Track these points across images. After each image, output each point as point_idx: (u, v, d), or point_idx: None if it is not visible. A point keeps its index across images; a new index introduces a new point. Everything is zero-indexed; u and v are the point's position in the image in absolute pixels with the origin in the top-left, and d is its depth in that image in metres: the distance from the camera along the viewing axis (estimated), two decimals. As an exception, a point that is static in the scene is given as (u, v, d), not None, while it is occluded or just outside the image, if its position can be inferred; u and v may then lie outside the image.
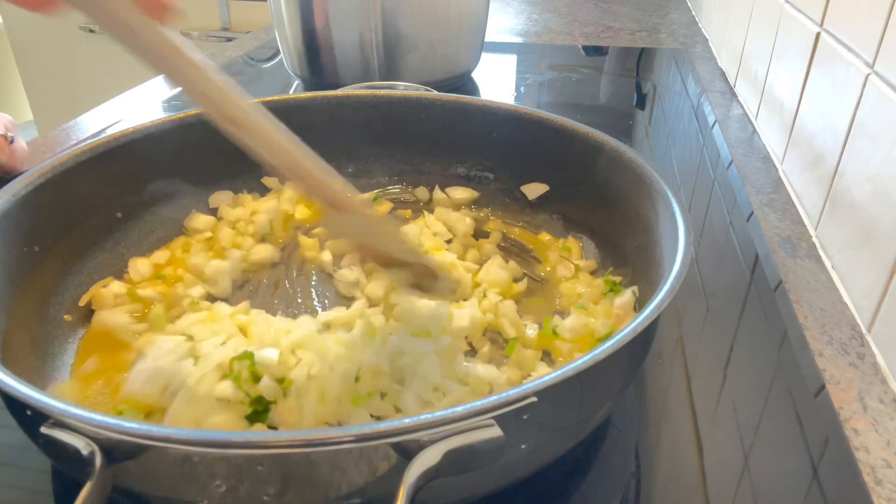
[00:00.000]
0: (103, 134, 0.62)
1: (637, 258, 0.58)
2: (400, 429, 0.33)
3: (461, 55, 1.14)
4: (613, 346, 0.37)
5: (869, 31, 0.62)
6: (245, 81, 1.23)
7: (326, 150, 0.76)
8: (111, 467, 0.33)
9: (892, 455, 0.48)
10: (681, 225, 0.48)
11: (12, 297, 0.51)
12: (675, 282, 0.42)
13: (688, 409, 0.51)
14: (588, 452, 0.48)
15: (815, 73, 0.77)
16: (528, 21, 1.63)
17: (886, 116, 0.58)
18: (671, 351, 0.58)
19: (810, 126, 0.77)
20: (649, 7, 1.75)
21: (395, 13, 1.02)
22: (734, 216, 0.78)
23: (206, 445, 0.32)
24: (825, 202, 0.70)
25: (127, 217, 0.66)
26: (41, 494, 0.45)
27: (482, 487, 0.40)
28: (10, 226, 0.52)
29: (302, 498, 0.35)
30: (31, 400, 0.35)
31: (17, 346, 0.50)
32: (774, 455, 0.47)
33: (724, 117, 1.04)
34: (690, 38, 1.47)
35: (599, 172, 0.64)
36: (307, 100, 0.75)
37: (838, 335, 0.59)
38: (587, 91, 1.20)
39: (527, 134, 0.70)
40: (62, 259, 0.59)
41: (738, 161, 0.89)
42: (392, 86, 0.80)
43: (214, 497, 0.35)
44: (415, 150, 0.78)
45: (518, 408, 0.34)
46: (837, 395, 0.53)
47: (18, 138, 0.80)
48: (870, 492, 0.45)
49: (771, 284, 0.65)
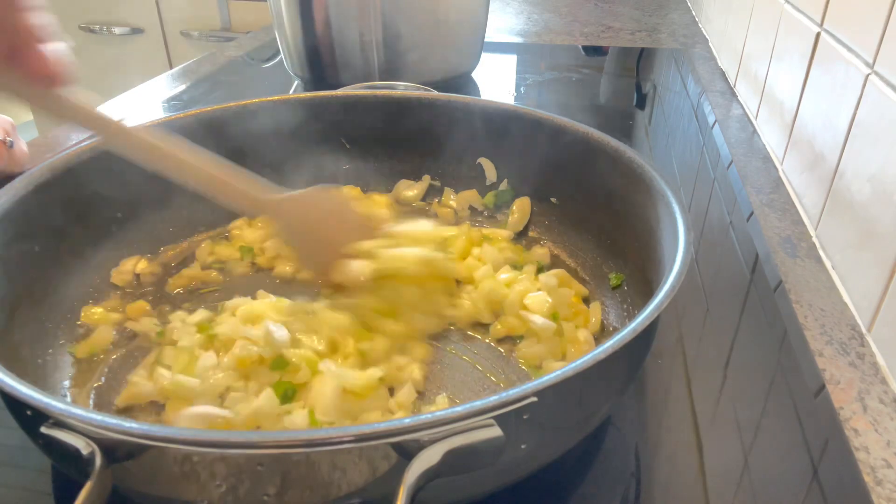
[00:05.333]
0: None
1: (637, 258, 0.58)
2: (400, 429, 0.33)
3: (461, 55, 1.14)
4: (613, 346, 0.37)
5: (869, 31, 0.62)
6: (245, 81, 1.23)
7: (326, 150, 0.78)
8: (111, 467, 0.33)
9: (892, 455, 0.48)
10: (681, 225, 0.48)
11: (12, 297, 0.51)
12: (675, 282, 0.42)
13: (688, 409, 0.51)
14: (588, 452, 0.48)
15: (815, 73, 0.77)
16: (528, 21, 1.63)
17: (886, 116, 0.58)
18: (671, 351, 0.58)
19: (810, 126, 0.77)
20: (649, 7, 1.75)
21: (395, 13, 1.02)
22: (734, 216, 0.78)
23: (206, 445, 0.32)
24: (825, 202, 0.70)
25: (127, 217, 0.66)
26: (41, 494, 0.45)
27: (482, 487, 0.40)
28: (10, 226, 0.52)
29: (302, 498, 0.35)
30: (31, 400, 0.35)
31: (17, 346, 0.50)
32: (774, 455, 0.47)
33: (724, 117, 1.04)
34: (690, 38, 1.47)
35: (599, 172, 0.64)
36: (307, 100, 0.75)
37: (838, 335, 0.59)
38: (587, 91, 1.20)
39: (527, 134, 0.70)
40: (62, 259, 0.59)
41: (738, 161, 0.89)
42: (392, 86, 0.81)
43: (214, 497, 0.35)
44: (415, 150, 0.78)
45: (518, 408, 0.34)
46: (837, 395, 0.53)
47: (19, 140, 0.80)
48: (870, 492, 0.45)
49: (771, 284, 0.65)
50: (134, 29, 2.12)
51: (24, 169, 0.80)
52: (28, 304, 0.53)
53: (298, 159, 0.75)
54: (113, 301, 0.61)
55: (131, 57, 2.14)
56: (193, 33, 2.07)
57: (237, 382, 0.51)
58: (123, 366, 0.55)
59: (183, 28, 2.08)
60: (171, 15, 2.10)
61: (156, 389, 0.50)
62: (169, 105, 1.09)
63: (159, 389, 0.50)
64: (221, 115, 0.70)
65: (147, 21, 2.11)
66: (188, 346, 0.53)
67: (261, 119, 0.72)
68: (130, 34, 2.12)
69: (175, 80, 1.20)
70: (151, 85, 1.18)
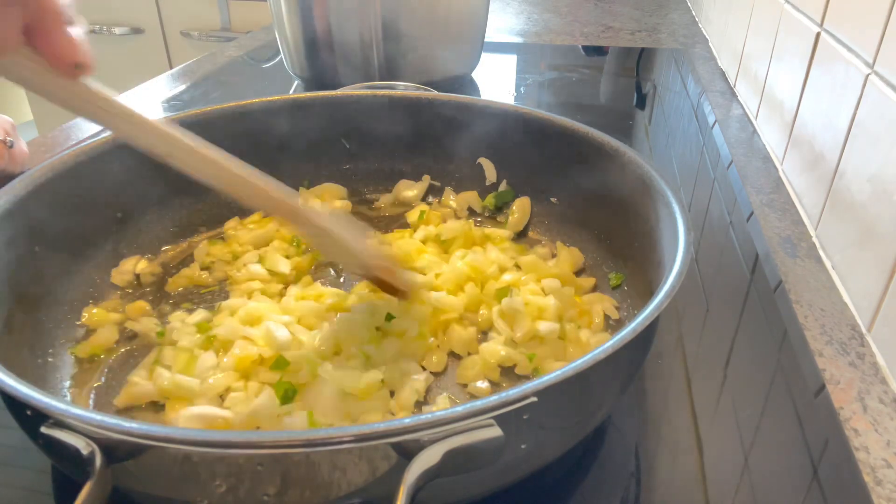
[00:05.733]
0: (103, 134, 0.62)
1: (637, 258, 0.58)
2: (400, 429, 0.33)
3: (461, 55, 1.14)
4: (613, 345, 0.37)
5: (869, 31, 0.62)
6: (245, 81, 1.23)
7: (326, 150, 0.78)
8: (111, 467, 0.33)
9: (892, 455, 0.48)
10: (681, 225, 0.48)
11: (12, 297, 0.51)
12: (675, 282, 0.42)
13: (688, 409, 0.51)
14: (588, 452, 0.48)
15: (815, 73, 0.77)
16: (528, 21, 1.63)
17: (886, 116, 0.58)
18: (671, 351, 0.58)
19: (810, 126, 0.77)
20: (649, 7, 1.75)
21: (395, 13, 1.01)
22: (734, 216, 0.78)
23: (207, 445, 0.32)
24: (825, 202, 0.70)
25: (127, 217, 0.66)
26: (41, 494, 0.45)
27: (482, 487, 0.40)
28: (10, 226, 0.52)
29: (302, 498, 0.35)
30: (32, 400, 0.35)
31: (17, 346, 0.50)
32: (774, 455, 0.47)
33: (724, 117, 1.04)
34: (690, 38, 1.47)
35: (599, 172, 0.64)
36: (307, 100, 0.75)
37: (838, 335, 0.59)
38: (587, 91, 1.20)
39: (527, 134, 0.70)
40: (62, 259, 0.59)
41: (738, 161, 0.89)
42: (392, 86, 0.80)
43: (214, 497, 0.34)
44: (415, 149, 0.78)
45: (518, 408, 0.34)
46: (837, 395, 0.53)
47: (19, 141, 0.80)
48: (870, 492, 0.45)
49: (771, 284, 0.65)
50: (134, 29, 2.12)
51: (24, 169, 0.80)
52: (28, 304, 0.53)
53: (298, 159, 0.75)
54: (113, 301, 0.61)
55: (131, 57, 2.14)
56: (193, 33, 2.07)
57: (237, 382, 0.51)
58: (123, 366, 0.55)
59: (183, 28, 2.08)
60: (171, 15, 2.10)
61: (155, 390, 0.50)
62: (169, 105, 1.09)
63: (159, 390, 0.50)
64: (221, 115, 0.70)
65: (147, 21, 2.11)
66: (188, 347, 0.53)
67: (260, 119, 0.72)
68: (130, 34, 2.12)
69: (175, 81, 1.20)
70: (151, 85, 1.18)
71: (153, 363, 0.53)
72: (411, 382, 0.51)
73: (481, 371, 0.54)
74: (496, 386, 0.53)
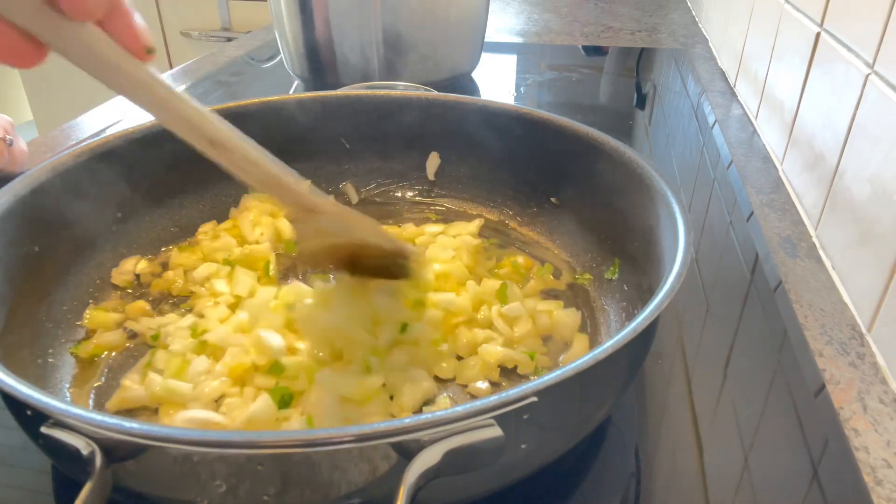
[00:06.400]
0: (103, 134, 0.62)
1: (637, 258, 0.58)
2: (400, 429, 0.33)
3: (461, 55, 1.14)
4: (613, 345, 0.37)
5: (869, 31, 0.62)
6: (245, 81, 1.23)
7: (326, 150, 0.78)
8: (111, 467, 0.33)
9: (892, 455, 0.48)
10: (681, 225, 0.48)
11: (12, 297, 0.51)
12: (675, 282, 0.42)
13: (688, 409, 0.51)
14: (588, 452, 0.48)
15: (815, 73, 0.77)
16: (528, 21, 1.63)
17: (886, 116, 0.58)
18: (671, 351, 0.58)
19: (810, 126, 0.77)
20: (649, 7, 1.75)
21: (395, 13, 1.02)
22: (734, 216, 0.78)
23: (206, 445, 0.32)
24: (825, 202, 0.70)
25: (127, 217, 0.66)
26: (41, 494, 0.45)
27: (482, 487, 0.40)
28: (10, 226, 0.52)
29: (302, 498, 0.35)
30: (32, 400, 0.35)
31: (17, 346, 0.50)
32: (774, 455, 0.47)
33: (724, 117, 1.04)
34: (690, 38, 1.47)
35: (599, 172, 0.64)
36: (307, 100, 0.75)
37: (838, 335, 0.59)
38: (587, 91, 1.20)
39: (527, 134, 0.70)
40: (62, 259, 0.59)
41: (738, 161, 0.89)
42: (392, 86, 0.80)
43: (214, 497, 0.35)
44: (415, 150, 0.78)
45: (518, 408, 0.34)
46: (837, 395, 0.53)
47: (18, 140, 0.80)
48: (870, 492, 0.45)
49: (771, 284, 0.65)
50: (134, 29, 2.11)
51: (23, 168, 0.80)
52: (28, 304, 0.53)
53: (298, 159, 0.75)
54: (113, 301, 0.61)
55: (131, 57, 2.13)
56: (193, 33, 2.07)
57: (232, 388, 0.50)
58: (123, 366, 0.55)
59: (183, 28, 2.08)
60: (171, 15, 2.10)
61: (147, 394, 0.50)
62: (169, 105, 1.09)
63: (150, 395, 0.49)
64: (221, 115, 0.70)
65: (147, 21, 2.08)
66: (180, 351, 0.53)
67: (260, 119, 0.72)
68: (130, 34, 2.12)
69: (175, 80, 1.20)
70: (151, 85, 1.18)
71: (145, 367, 0.52)
72: (414, 387, 0.50)
73: (481, 371, 0.54)
74: (496, 386, 0.54)
